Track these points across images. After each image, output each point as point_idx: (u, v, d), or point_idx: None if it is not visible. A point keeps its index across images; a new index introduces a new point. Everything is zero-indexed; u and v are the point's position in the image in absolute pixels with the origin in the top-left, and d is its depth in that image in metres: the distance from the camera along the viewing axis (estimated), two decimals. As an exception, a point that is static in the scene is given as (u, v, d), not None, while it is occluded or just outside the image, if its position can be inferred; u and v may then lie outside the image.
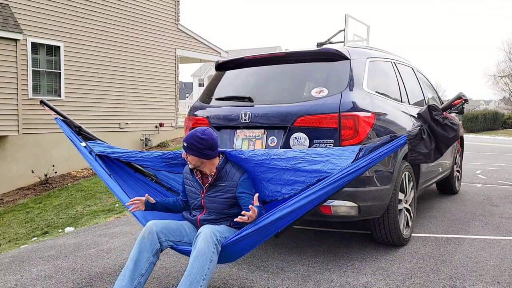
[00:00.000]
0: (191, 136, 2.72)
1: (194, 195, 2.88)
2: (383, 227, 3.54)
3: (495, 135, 27.41)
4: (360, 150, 2.65)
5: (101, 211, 7.69)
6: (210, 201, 2.80)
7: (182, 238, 2.74)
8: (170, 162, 3.20)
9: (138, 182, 3.34)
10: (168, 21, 15.06)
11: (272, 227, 2.54)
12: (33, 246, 4.43)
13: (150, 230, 2.62)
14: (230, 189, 2.76)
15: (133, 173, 3.38)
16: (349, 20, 8.97)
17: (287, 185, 2.80)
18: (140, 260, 2.55)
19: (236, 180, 2.75)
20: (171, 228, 2.72)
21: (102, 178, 3.20)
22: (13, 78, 10.48)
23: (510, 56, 36.35)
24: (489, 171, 8.74)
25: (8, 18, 10.40)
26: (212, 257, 2.44)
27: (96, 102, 12.77)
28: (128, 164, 3.38)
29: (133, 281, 2.50)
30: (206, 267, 2.40)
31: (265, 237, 2.60)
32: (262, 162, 2.82)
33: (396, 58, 4.52)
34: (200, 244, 2.44)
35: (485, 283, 2.93)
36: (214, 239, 2.47)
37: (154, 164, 3.25)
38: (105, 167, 3.22)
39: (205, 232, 2.49)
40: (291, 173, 2.77)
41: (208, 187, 2.80)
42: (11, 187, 10.97)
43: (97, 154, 3.30)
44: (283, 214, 2.48)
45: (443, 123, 2.50)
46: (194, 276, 2.37)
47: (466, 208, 5.23)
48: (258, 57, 3.84)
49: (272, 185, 2.86)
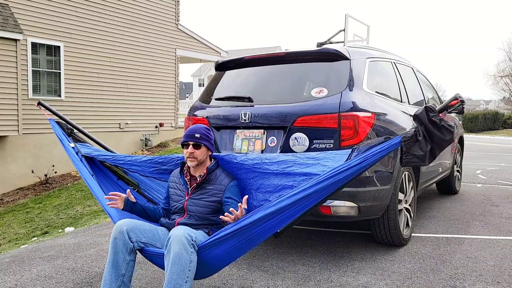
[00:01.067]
0: (197, 128, 2.71)
1: (178, 197, 2.76)
2: (383, 227, 3.54)
3: (495, 135, 27.41)
4: (352, 151, 2.60)
5: (101, 211, 7.69)
6: (193, 203, 2.68)
7: (154, 241, 2.56)
8: (159, 168, 3.09)
9: (118, 189, 3.22)
10: (168, 21, 15.06)
11: (255, 230, 2.32)
12: (33, 246, 4.43)
13: (120, 230, 2.47)
14: (216, 193, 2.66)
15: (115, 179, 3.27)
16: (349, 20, 8.96)
17: (275, 192, 2.71)
18: (117, 261, 2.45)
19: (225, 184, 2.68)
20: (144, 229, 2.55)
21: (83, 176, 3.10)
22: (13, 78, 10.48)
23: (510, 56, 36.34)
24: (489, 171, 8.74)
25: (8, 18, 10.39)
26: (192, 257, 2.30)
27: (96, 102, 12.77)
28: (112, 170, 3.29)
29: (117, 282, 2.44)
30: (187, 269, 2.28)
31: (248, 242, 2.37)
32: (253, 166, 2.78)
33: (396, 58, 4.52)
34: (174, 247, 2.27)
35: (485, 283, 2.93)
36: (189, 239, 2.31)
37: (142, 169, 3.15)
38: (88, 168, 3.14)
39: (178, 234, 2.31)
40: (281, 177, 2.70)
41: (194, 187, 2.70)
42: (11, 187, 10.97)
43: (83, 155, 3.23)
44: (266, 213, 2.27)
45: (440, 125, 2.48)
46: (175, 281, 2.25)
47: (466, 208, 5.23)
48: (258, 57, 3.84)
49: (260, 194, 2.77)
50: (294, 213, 2.36)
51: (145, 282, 3.03)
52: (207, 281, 3.02)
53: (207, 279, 3.04)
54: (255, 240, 2.39)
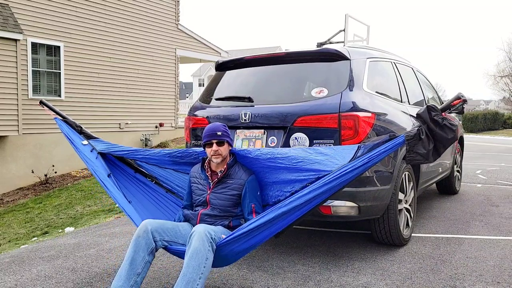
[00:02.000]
0: (216, 126, 2.84)
1: (200, 191, 2.92)
2: (383, 227, 3.54)
3: (495, 135, 27.41)
4: (358, 148, 2.66)
5: (101, 211, 7.69)
6: (215, 197, 2.84)
7: (176, 238, 2.71)
8: (178, 161, 3.18)
9: (136, 183, 3.28)
10: (168, 21, 15.06)
11: (269, 228, 2.50)
12: (33, 246, 4.43)
13: (145, 229, 2.60)
14: (237, 187, 2.83)
15: (133, 173, 3.33)
16: (349, 20, 8.97)
17: (288, 184, 2.84)
18: (135, 260, 2.53)
19: (244, 179, 2.83)
20: (167, 228, 2.70)
21: (98, 178, 3.10)
22: (13, 78, 10.47)
23: (510, 56, 36.32)
24: (489, 171, 8.74)
25: (8, 18, 10.39)
26: (208, 255, 2.42)
27: (96, 102, 12.77)
28: (128, 164, 3.33)
29: (130, 281, 2.49)
30: (202, 265, 2.39)
31: (261, 239, 2.55)
32: (268, 161, 2.87)
33: (396, 58, 4.52)
34: (195, 242, 2.42)
35: (485, 283, 2.93)
36: (209, 237, 2.45)
37: (161, 161, 3.23)
38: (105, 167, 3.15)
39: (199, 231, 2.46)
40: (294, 172, 2.81)
41: (216, 182, 2.86)
42: (11, 187, 10.97)
43: (99, 153, 3.22)
44: (279, 213, 2.47)
45: (442, 124, 2.50)
46: (190, 275, 2.36)
47: (466, 208, 5.23)
48: (258, 57, 3.84)
49: (277, 185, 2.90)
50: (301, 212, 2.54)
51: (145, 283, 3.02)
52: (207, 281, 3.02)
53: (208, 279, 3.04)
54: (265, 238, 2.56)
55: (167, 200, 3.27)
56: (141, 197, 3.21)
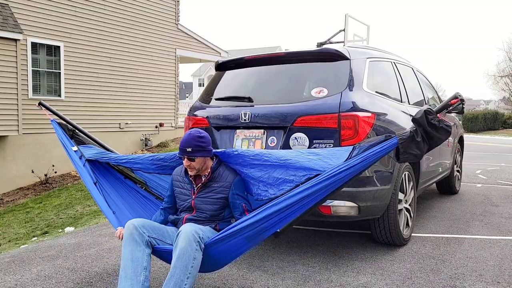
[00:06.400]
0: (190, 139, 2.67)
1: (184, 196, 2.83)
2: (383, 227, 3.54)
3: (495, 135, 27.40)
4: (353, 149, 2.61)
5: (101, 211, 7.68)
6: (201, 201, 2.76)
7: (164, 238, 2.63)
8: (161, 164, 3.13)
9: (127, 189, 3.26)
10: (168, 21, 15.06)
11: (259, 228, 2.41)
12: (33, 246, 4.43)
13: (133, 226, 2.52)
14: (223, 190, 2.74)
15: (122, 179, 3.30)
16: (349, 20, 8.98)
17: (275, 185, 2.71)
18: (137, 256, 2.45)
19: (230, 181, 2.74)
20: (154, 226, 2.63)
21: (86, 183, 3.13)
22: (13, 78, 10.47)
23: (510, 56, 36.31)
24: (489, 171, 8.74)
25: (8, 18, 10.39)
26: (196, 254, 2.36)
27: (96, 102, 12.77)
28: (119, 170, 3.32)
29: (139, 277, 2.40)
30: (190, 265, 2.34)
31: (252, 239, 2.46)
32: (253, 158, 2.77)
33: (396, 58, 4.52)
34: (181, 242, 2.35)
35: (485, 283, 2.93)
36: (196, 236, 2.38)
37: (145, 166, 3.17)
38: (91, 174, 3.14)
39: (186, 230, 2.40)
40: (281, 170, 2.69)
41: (200, 187, 2.77)
42: (11, 187, 10.97)
43: (87, 159, 3.23)
44: (270, 212, 2.38)
45: (439, 127, 2.50)
46: (178, 276, 2.31)
47: (466, 208, 5.23)
48: (258, 57, 3.84)
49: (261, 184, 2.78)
50: (295, 211, 2.44)
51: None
52: (207, 281, 3.02)
53: (207, 279, 3.05)
54: (258, 237, 2.47)
55: (157, 207, 3.21)
56: (132, 202, 3.20)
